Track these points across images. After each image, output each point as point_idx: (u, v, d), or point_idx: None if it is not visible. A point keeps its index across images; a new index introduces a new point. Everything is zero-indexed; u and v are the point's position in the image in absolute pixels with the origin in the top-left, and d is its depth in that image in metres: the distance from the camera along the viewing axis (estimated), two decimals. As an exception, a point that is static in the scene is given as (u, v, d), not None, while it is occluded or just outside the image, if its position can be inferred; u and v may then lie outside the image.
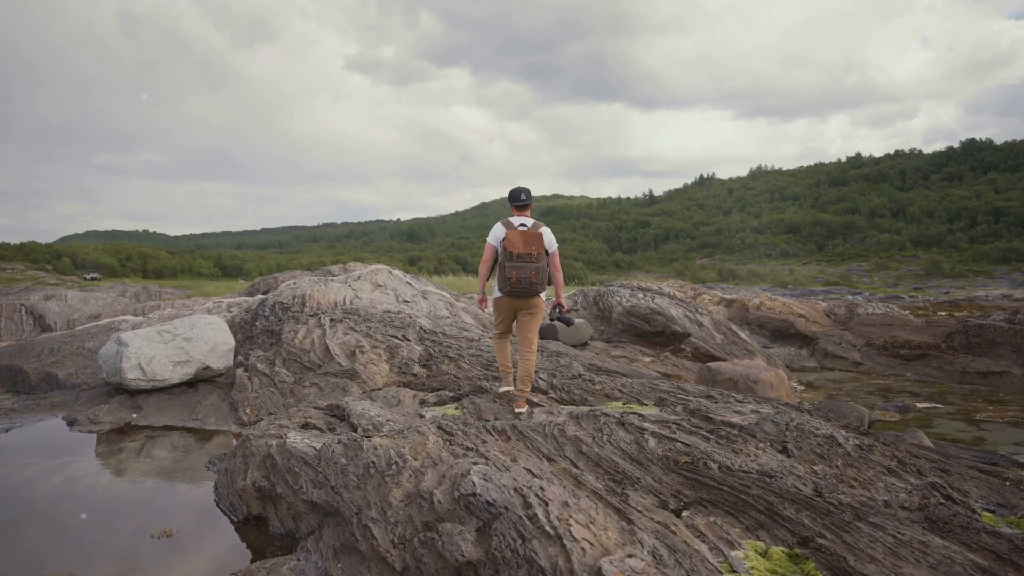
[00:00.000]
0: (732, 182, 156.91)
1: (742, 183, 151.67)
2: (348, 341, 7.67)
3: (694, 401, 5.65)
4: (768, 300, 20.78)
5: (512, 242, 5.15)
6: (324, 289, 10.30)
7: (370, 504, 3.31)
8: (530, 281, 5.14)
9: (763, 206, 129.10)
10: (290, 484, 3.56)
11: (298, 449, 3.72)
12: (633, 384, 6.24)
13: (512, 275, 5.12)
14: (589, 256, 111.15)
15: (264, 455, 3.74)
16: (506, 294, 5.31)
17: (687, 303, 16.80)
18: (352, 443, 3.56)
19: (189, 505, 4.08)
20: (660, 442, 3.97)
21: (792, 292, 50.30)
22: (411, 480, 3.23)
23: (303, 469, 3.59)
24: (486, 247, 5.45)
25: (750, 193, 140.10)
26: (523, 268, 5.12)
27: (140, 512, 3.96)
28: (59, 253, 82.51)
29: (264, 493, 3.57)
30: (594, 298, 17.24)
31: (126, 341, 6.83)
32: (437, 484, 3.20)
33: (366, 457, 3.45)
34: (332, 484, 3.45)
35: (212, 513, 3.91)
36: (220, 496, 3.92)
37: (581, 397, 5.88)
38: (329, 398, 6.21)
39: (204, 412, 6.26)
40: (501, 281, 5.27)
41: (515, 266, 5.12)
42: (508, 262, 5.15)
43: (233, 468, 3.88)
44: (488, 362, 7.38)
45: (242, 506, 3.76)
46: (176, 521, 3.80)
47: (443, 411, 5.67)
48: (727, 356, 14.02)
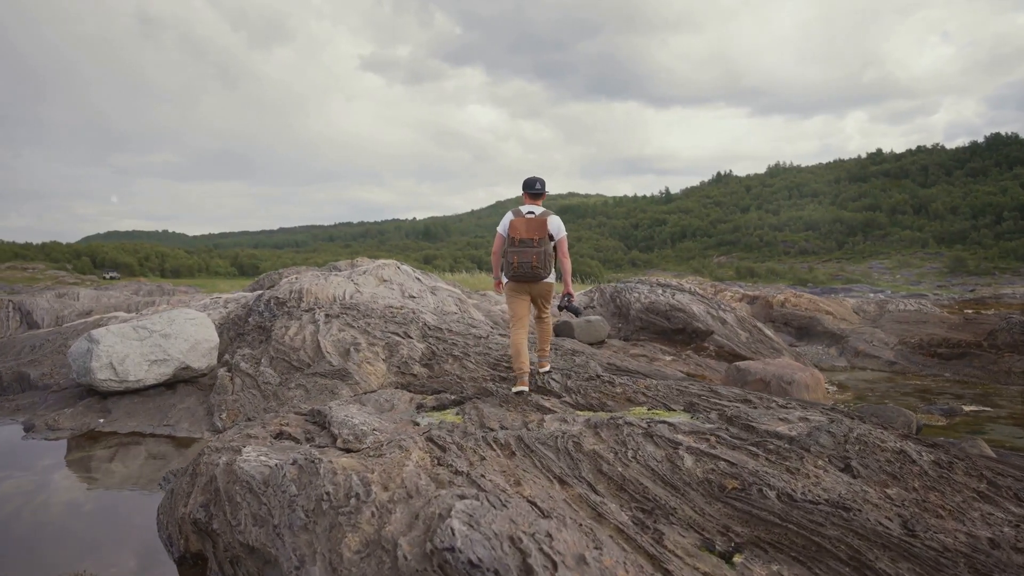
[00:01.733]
0: (750, 179, 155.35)
1: (760, 180, 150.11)
2: (343, 338, 6.98)
3: (730, 406, 4.90)
4: (793, 296, 19.90)
5: (516, 228, 5.30)
6: (323, 283, 9.63)
7: (315, 555, 2.52)
8: (531, 265, 5.24)
9: (781, 203, 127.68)
10: (228, 518, 2.80)
11: (245, 471, 2.94)
12: (658, 386, 5.50)
13: (514, 260, 5.26)
14: (605, 254, 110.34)
15: (210, 476, 3.04)
16: (511, 279, 5.43)
17: (709, 299, 16.00)
18: (308, 465, 2.81)
19: (125, 535, 3.39)
20: (698, 460, 3.23)
21: (812, 290, 49.20)
22: (373, 521, 2.43)
23: (246, 498, 2.81)
24: (496, 237, 5.60)
25: (768, 190, 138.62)
26: (524, 252, 5.24)
27: (63, 544, 3.29)
28: (79, 253, 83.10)
29: (200, 527, 2.86)
30: (611, 295, 16.47)
31: (97, 338, 6.19)
32: (406, 528, 2.37)
33: (320, 486, 2.67)
34: (275, 522, 2.64)
35: (150, 547, 3.18)
36: (160, 525, 3.19)
37: (599, 401, 5.15)
38: (315, 401, 5.52)
39: (177, 417, 5.60)
40: (506, 267, 5.38)
41: (516, 251, 5.26)
42: (511, 247, 5.29)
43: (179, 490, 3.17)
44: (496, 361, 6.67)
45: (180, 540, 2.98)
46: (99, 557, 3.09)
47: (442, 417, 4.97)
48: (753, 355, 13.22)
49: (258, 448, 3.28)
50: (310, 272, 12.95)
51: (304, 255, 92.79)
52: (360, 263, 18.50)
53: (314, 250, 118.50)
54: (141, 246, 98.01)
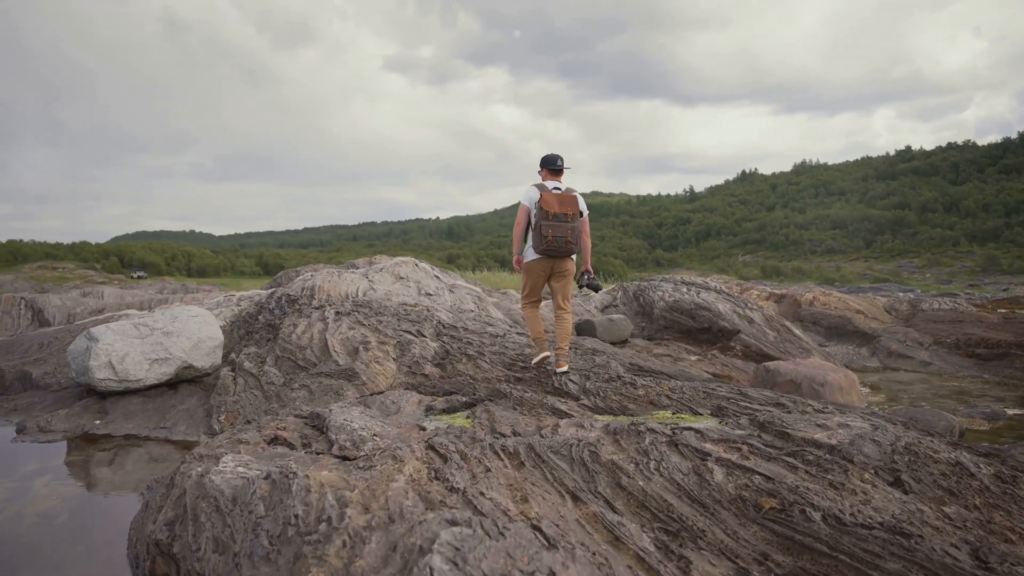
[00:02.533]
0: (775, 177, 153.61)
1: (786, 178, 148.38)
2: (352, 336, 6.69)
3: (762, 410, 4.53)
4: (822, 295, 19.33)
5: (548, 202, 5.21)
6: (336, 280, 9.36)
7: (275, 593, 2.20)
8: (566, 240, 5.21)
9: (808, 202, 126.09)
10: (189, 540, 2.49)
11: (215, 485, 2.57)
12: (683, 388, 5.13)
13: (548, 234, 5.17)
14: (629, 253, 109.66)
15: (182, 489, 2.72)
16: (541, 254, 5.35)
17: (735, 298, 15.53)
18: (282, 481, 2.47)
19: (94, 552, 3.08)
20: (729, 473, 2.87)
21: (839, 288, 48.27)
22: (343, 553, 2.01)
23: (211, 518, 2.45)
24: (520, 209, 5.49)
25: (794, 188, 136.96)
26: (559, 227, 5.18)
27: (25, 563, 2.99)
28: (108, 253, 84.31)
29: (162, 549, 2.54)
30: (634, 293, 16.07)
31: (96, 336, 5.95)
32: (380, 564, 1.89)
33: (289, 507, 2.29)
34: (237, 548, 2.25)
35: (117, 567, 2.88)
36: (130, 542, 2.87)
37: (620, 404, 4.80)
38: (319, 403, 5.23)
39: (175, 419, 5.33)
40: (537, 240, 5.27)
41: (551, 225, 5.17)
42: (544, 221, 5.18)
43: (152, 503, 2.86)
44: (511, 361, 6.34)
45: (146, 561, 2.63)
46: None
47: (451, 420, 4.65)
48: (781, 354, 12.76)
49: (239, 457, 2.97)
50: (325, 269, 12.73)
51: (328, 254, 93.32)
52: (378, 260, 18.28)
53: (338, 249, 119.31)
54: (168, 246, 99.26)
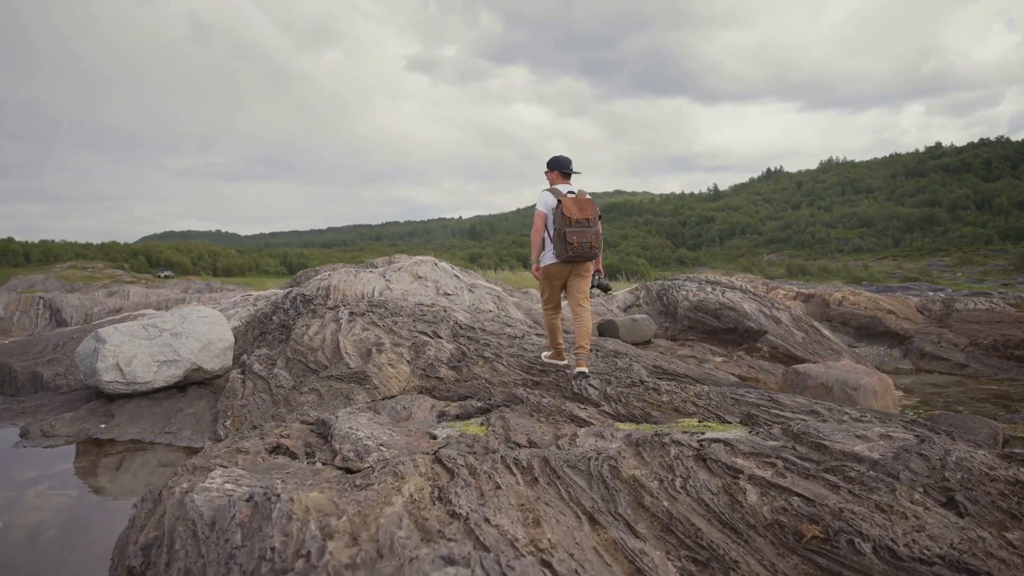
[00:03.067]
0: (801, 175, 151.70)
1: (812, 176, 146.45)
2: (365, 338, 6.48)
3: (795, 419, 4.24)
4: (851, 294, 18.83)
5: (569, 208, 5.17)
6: (352, 280, 9.17)
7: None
8: (591, 245, 5.21)
9: (834, 199, 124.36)
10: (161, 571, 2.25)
11: (196, 506, 2.32)
12: (710, 394, 4.85)
13: (574, 240, 5.13)
14: (652, 252, 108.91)
15: (164, 509, 2.50)
16: (564, 260, 5.32)
17: (761, 297, 15.14)
18: (264, 504, 2.23)
19: (78, 573, 2.91)
20: (764, 493, 2.59)
21: (867, 288, 47.37)
22: None
23: (187, 545, 2.19)
24: (537, 215, 5.45)
25: (820, 186, 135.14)
26: (583, 232, 5.16)
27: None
28: (136, 252, 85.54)
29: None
30: (658, 292, 15.73)
31: (104, 337, 5.80)
32: None
33: (267, 537, 2.00)
34: None
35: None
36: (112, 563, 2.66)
37: (643, 412, 4.53)
38: (328, 408, 5.02)
39: (181, 423, 5.15)
40: (560, 247, 5.22)
41: (575, 231, 5.14)
42: (567, 227, 5.14)
43: (137, 521, 2.65)
44: (529, 364, 6.08)
45: None
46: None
47: (464, 428, 4.41)
48: (810, 356, 12.38)
49: (229, 472, 2.75)
50: (343, 269, 12.57)
51: (352, 254, 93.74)
52: (397, 259, 18.13)
53: (361, 249, 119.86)
54: (194, 246, 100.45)
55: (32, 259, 74.10)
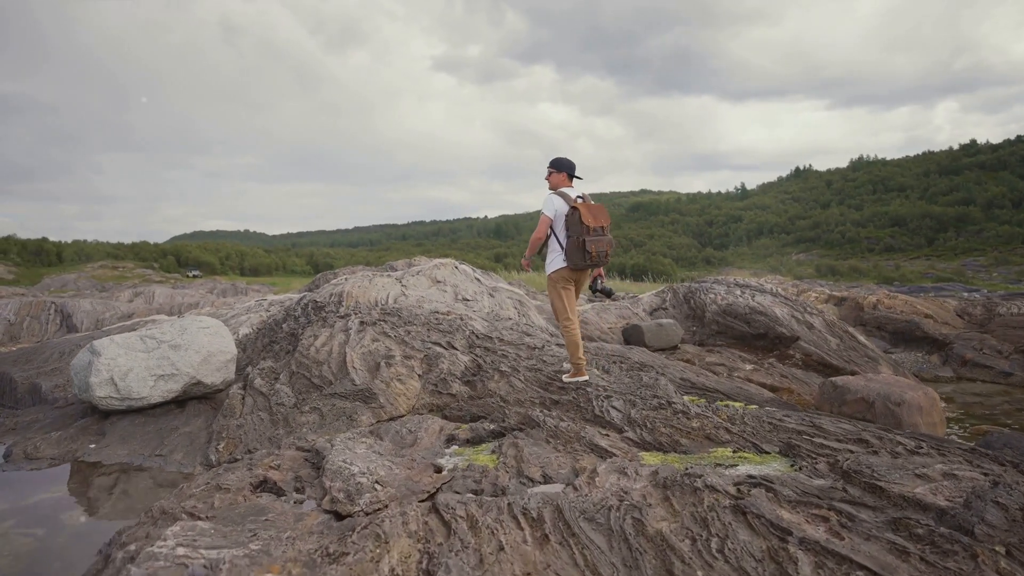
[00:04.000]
0: (831, 174, 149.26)
1: (842, 175, 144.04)
2: (375, 349, 6.11)
3: (842, 449, 3.79)
4: (887, 297, 18.15)
5: (585, 215, 5.03)
6: (366, 286, 8.82)
7: None
8: (606, 255, 5.13)
9: (865, 198, 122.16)
10: None
11: None
12: (745, 418, 4.41)
13: (592, 249, 5.02)
14: (678, 252, 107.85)
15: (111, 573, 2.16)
16: (579, 267, 5.21)
17: (793, 301, 14.57)
18: None
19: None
20: (820, 564, 2.15)
21: (899, 288, 46.29)
22: None
23: None
24: (542, 220, 5.29)
25: (851, 185, 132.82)
26: (600, 241, 5.06)
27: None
28: (165, 252, 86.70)
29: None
30: (684, 295, 15.22)
31: (99, 350, 5.50)
32: None
33: None
34: None
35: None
36: None
37: (670, 439, 4.10)
38: (329, 429, 4.65)
39: (174, 444, 4.81)
40: (578, 256, 5.07)
41: (595, 240, 5.03)
42: (587, 236, 5.02)
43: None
44: (548, 379, 5.67)
45: None
46: None
47: (474, 456, 4.02)
48: (845, 364, 11.81)
49: (190, 530, 2.37)
50: (360, 272, 12.25)
51: (377, 254, 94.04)
52: (417, 262, 17.80)
53: (387, 249, 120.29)
54: (222, 245, 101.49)
55: (65, 259, 75.40)
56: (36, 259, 73.17)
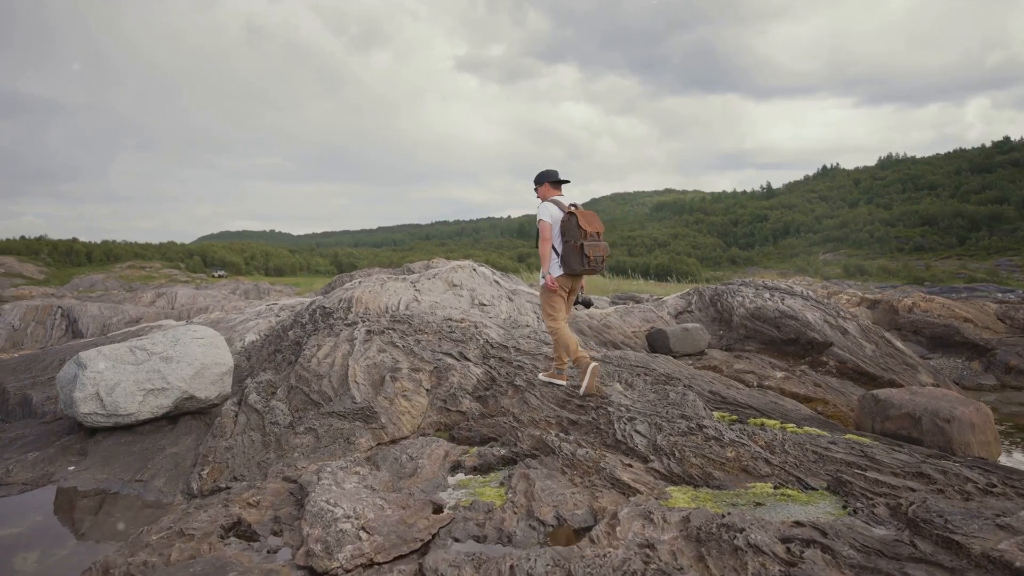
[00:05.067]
0: (859, 172, 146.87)
1: (870, 173, 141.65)
2: (380, 361, 5.69)
3: (901, 487, 3.29)
4: (923, 300, 17.41)
5: (583, 221, 5.08)
6: (377, 291, 8.41)
7: None
8: (602, 259, 5.17)
9: (894, 197, 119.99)
10: None
11: None
12: (785, 444, 3.92)
13: (591, 253, 5.05)
14: (703, 252, 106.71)
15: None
16: (574, 274, 5.23)
17: (825, 305, 13.95)
18: None
19: None
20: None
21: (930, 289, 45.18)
22: None
23: None
24: (544, 226, 5.24)
25: (879, 183, 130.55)
26: (598, 247, 5.11)
27: None
28: (191, 252, 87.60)
29: None
30: (711, 298, 14.65)
31: (84, 362, 5.14)
32: None
33: None
34: None
35: None
36: None
37: (702, 472, 3.62)
38: (323, 454, 4.23)
39: (157, 468, 4.41)
40: (576, 260, 5.08)
41: (593, 244, 5.07)
42: (586, 240, 5.05)
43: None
44: (566, 396, 5.21)
45: None
46: None
47: (480, 489, 3.58)
48: (882, 372, 11.20)
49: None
50: (376, 275, 11.86)
51: (401, 254, 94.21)
52: (435, 264, 17.40)
53: (411, 248, 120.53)
54: (248, 245, 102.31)
55: (94, 259, 76.37)
56: (66, 259, 74.34)
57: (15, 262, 64.23)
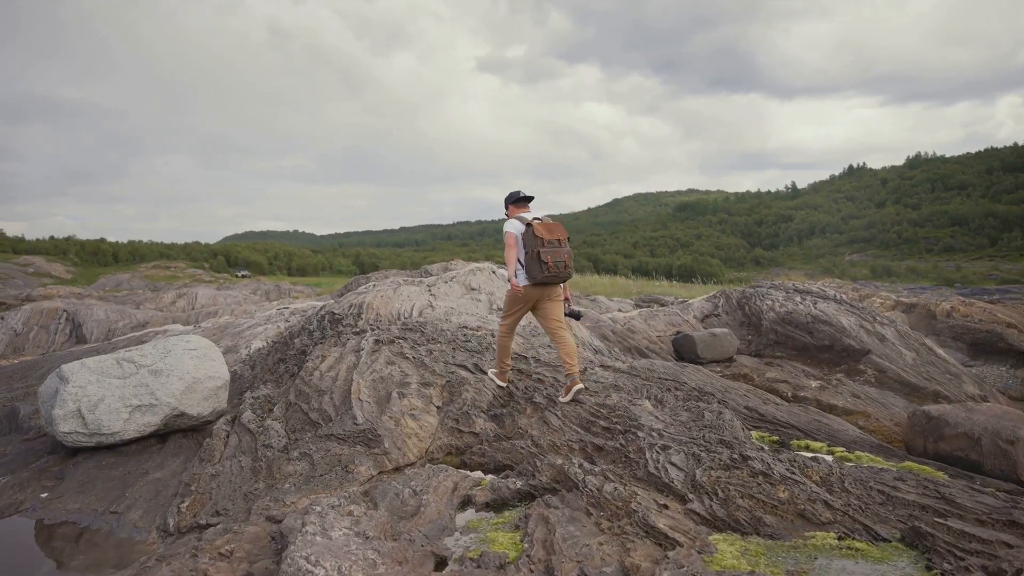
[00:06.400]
0: (886, 172, 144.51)
1: (898, 173, 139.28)
2: (388, 375, 5.22)
3: (994, 541, 2.75)
4: (962, 304, 16.66)
5: (540, 229, 5.10)
6: (390, 296, 7.95)
7: None
8: (564, 264, 5.11)
9: (923, 197, 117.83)
10: None
11: None
12: (845, 481, 3.37)
13: (548, 259, 5.01)
14: (726, 252, 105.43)
15: None
16: (537, 283, 5.13)
17: (860, 309, 13.29)
18: None
19: None
20: None
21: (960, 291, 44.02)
22: None
23: None
24: (508, 235, 5.23)
25: (907, 183, 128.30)
26: (558, 252, 5.08)
27: None
28: (216, 252, 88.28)
29: None
30: (738, 301, 14.03)
31: (67, 375, 4.73)
32: None
33: None
34: None
35: None
36: None
37: (750, 514, 3.10)
38: (316, 485, 3.75)
39: (136, 496, 3.97)
40: (535, 268, 5.04)
41: (550, 251, 5.04)
42: (541, 248, 5.03)
43: None
44: (591, 416, 4.69)
45: None
46: None
47: (491, 533, 3.09)
48: (925, 382, 10.55)
49: None
50: (392, 277, 11.42)
51: (423, 254, 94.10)
52: (453, 266, 16.93)
53: (432, 249, 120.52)
54: (271, 246, 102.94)
55: (120, 259, 77.20)
56: (93, 259, 75.34)
57: (43, 262, 65.02)
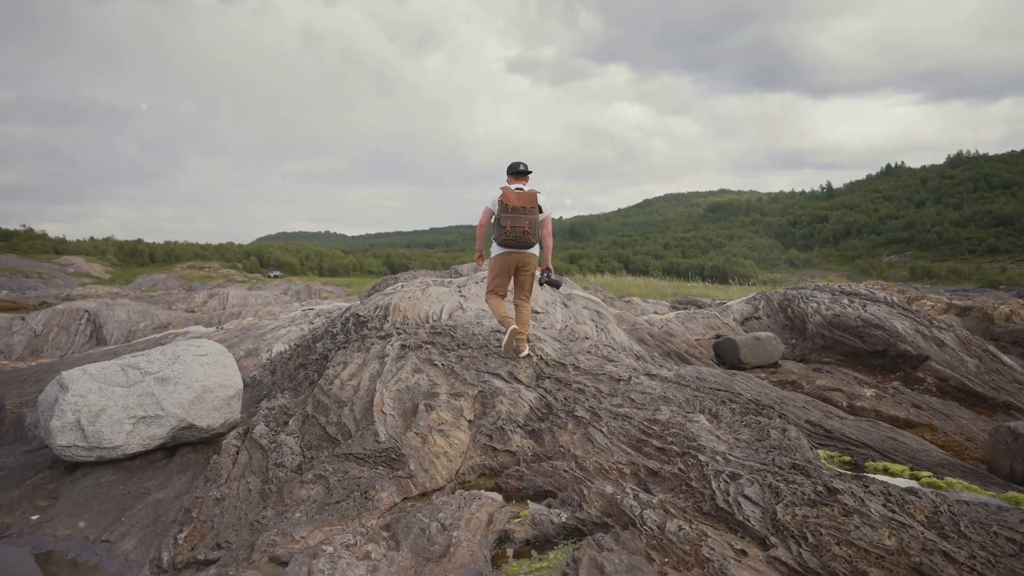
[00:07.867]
0: (926, 171, 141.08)
1: (938, 172, 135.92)
2: (415, 384, 4.73)
3: None
4: (1022, 308, 15.79)
5: (508, 197, 5.34)
6: (418, 297, 7.47)
7: None
8: (523, 230, 5.31)
9: (965, 196, 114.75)
10: None
11: None
12: (958, 521, 2.81)
13: (506, 225, 5.29)
14: (759, 253, 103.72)
15: None
16: (502, 245, 5.47)
17: (915, 313, 12.52)
18: None
19: None
20: None
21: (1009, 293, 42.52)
22: None
23: None
24: (483, 211, 5.58)
25: (948, 183, 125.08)
26: (517, 219, 5.29)
27: None
28: (249, 253, 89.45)
29: None
30: (780, 303, 13.33)
31: (67, 383, 4.33)
32: None
33: None
34: None
35: None
36: None
37: (851, 567, 2.53)
38: (331, 514, 3.26)
39: (133, 521, 3.53)
40: (497, 232, 5.41)
41: (509, 217, 5.29)
42: (503, 213, 5.32)
43: None
44: (643, 433, 4.15)
45: None
46: None
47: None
48: (992, 391, 9.81)
49: None
50: (420, 278, 10.98)
51: (452, 254, 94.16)
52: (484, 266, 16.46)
53: (463, 249, 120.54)
54: (302, 246, 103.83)
55: (157, 259, 78.72)
56: (131, 259, 77.04)
57: (83, 262, 66.28)
